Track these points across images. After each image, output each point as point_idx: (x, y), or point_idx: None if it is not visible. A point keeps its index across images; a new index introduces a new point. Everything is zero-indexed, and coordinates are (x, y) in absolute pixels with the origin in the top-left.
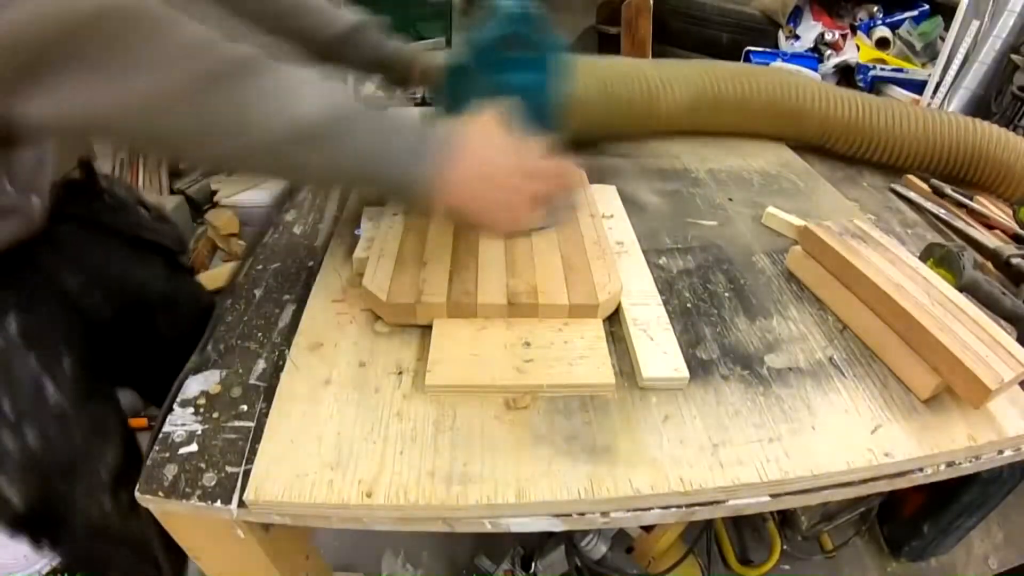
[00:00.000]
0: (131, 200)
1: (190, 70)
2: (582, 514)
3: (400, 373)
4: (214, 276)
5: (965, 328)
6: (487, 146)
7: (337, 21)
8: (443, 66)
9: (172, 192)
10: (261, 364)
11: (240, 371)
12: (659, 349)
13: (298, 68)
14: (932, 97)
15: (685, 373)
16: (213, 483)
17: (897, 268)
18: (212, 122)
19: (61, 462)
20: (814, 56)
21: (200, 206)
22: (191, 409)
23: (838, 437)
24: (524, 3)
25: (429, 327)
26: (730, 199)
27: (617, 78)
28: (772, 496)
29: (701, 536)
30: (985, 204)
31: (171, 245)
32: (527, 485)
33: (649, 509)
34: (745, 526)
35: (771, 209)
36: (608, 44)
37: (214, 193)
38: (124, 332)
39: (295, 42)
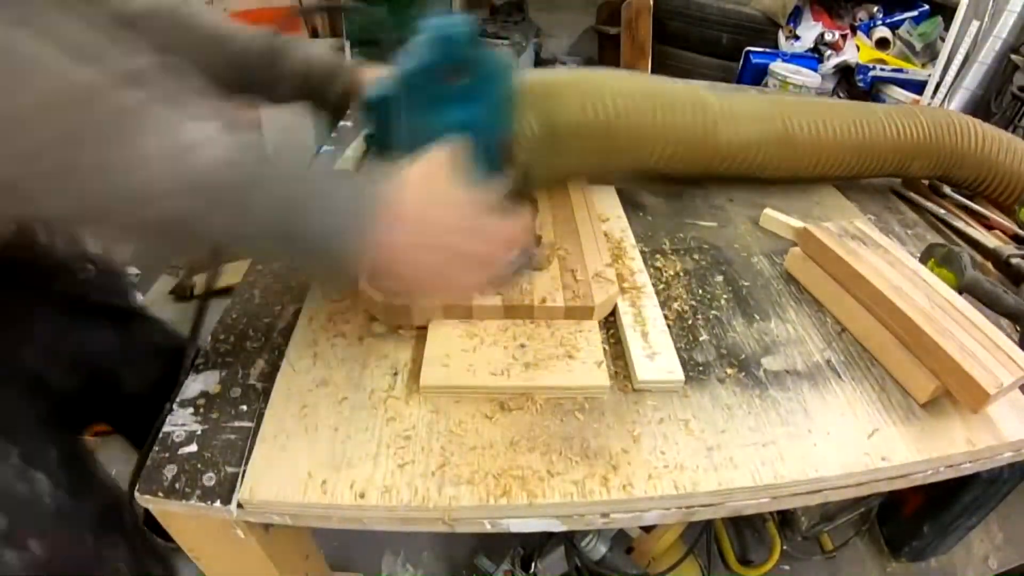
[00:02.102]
0: (74, 258)
1: (57, 126)
2: (582, 515)
3: (395, 374)
4: (229, 274)
5: (965, 332)
6: (427, 203)
7: (249, 45)
8: (364, 97)
9: None
10: (261, 364)
11: (240, 371)
12: (655, 351)
13: (196, 108)
14: (932, 97)
15: (680, 376)
16: (212, 483)
17: (897, 270)
18: (87, 189)
19: (76, 569)
20: (814, 56)
21: None
22: (191, 409)
23: (835, 441)
24: (457, 23)
25: (425, 328)
26: (730, 200)
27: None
28: (772, 497)
29: (701, 536)
30: (985, 204)
31: (119, 302)
32: (521, 486)
33: (648, 510)
34: (745, 526)
35: (768, 211)
36: (608, 44)
37: None
38: (91, 398)
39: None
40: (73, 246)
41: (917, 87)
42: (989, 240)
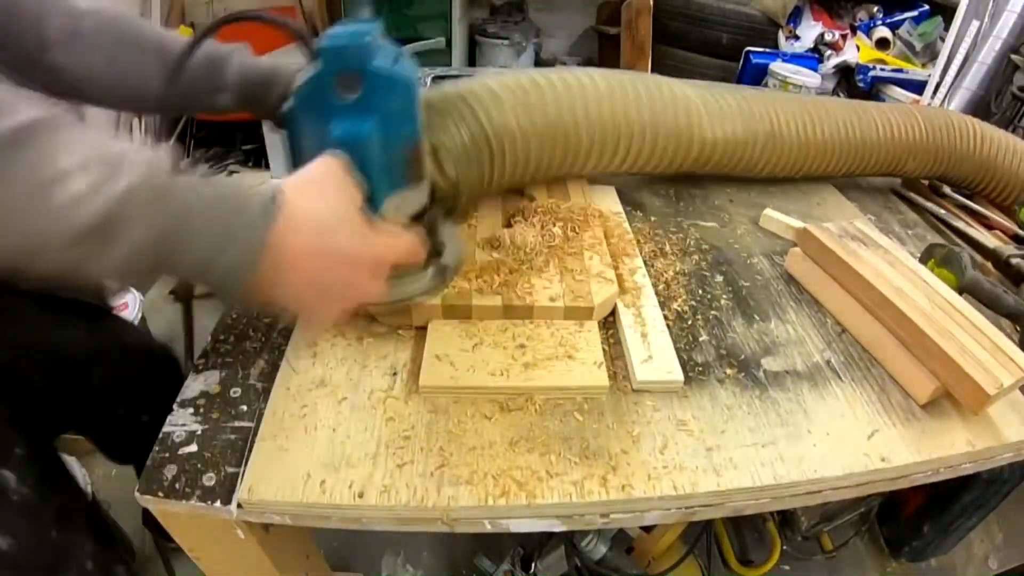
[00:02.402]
0: None
1: None
2: (582, 515)
3: (395, 374)
4: None
5: (965, 333)
6: (316, 211)
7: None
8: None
9: None
10: (261, 364)
11: (239, 371)
12: (654, 352)
13: (76, 136)
14: (932, 97)
15: (680, 376)
16: (212, 483)
17: (897, 271)
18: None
19: (41, 562)
20: (814, 56)
21: None
22: (191, 409)
23: (835, 442)
24: (354, 30)
25: (424, 328)
26: (730, 200)
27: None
28: (771, 498)
29: (701, 536)
30: (985, 204)
31: (91, 299)
32: (520, 487)
33: (648, 510)
34: (745, 526)
35: (768, 211)
36: (608, 45)
37: None
38: (60, 395)
39: (145, 87)
40: None
41: (917, 87)
42: (989, 240)
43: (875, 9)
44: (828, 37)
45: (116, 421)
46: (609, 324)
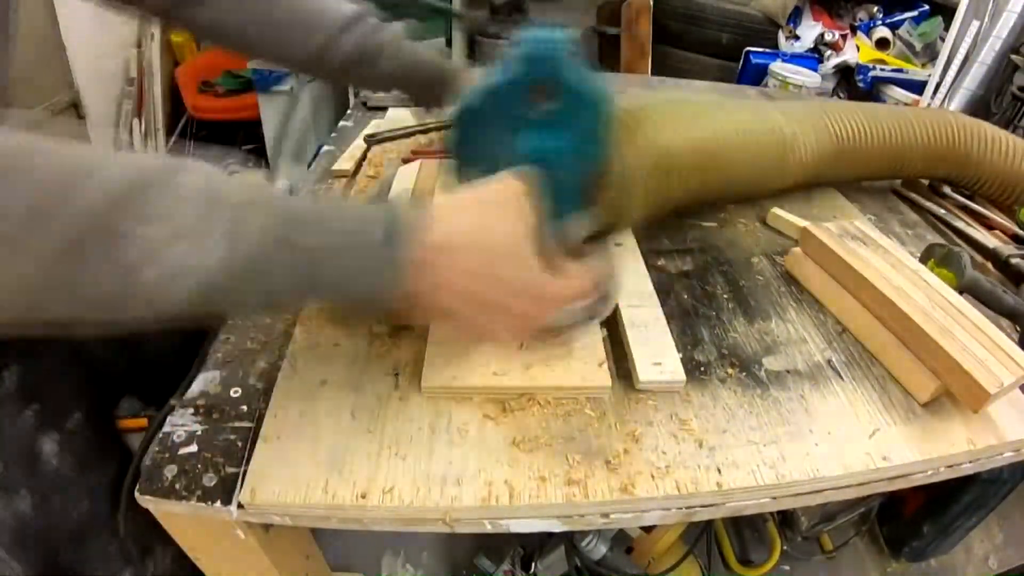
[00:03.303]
0: None
1: (37, 246)
2: (582, 515)
3: (396, 374)
4: None
5: (965, 332)
6: (496, 230)
7: (358, 31)
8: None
9: None
10: (261, 364)
11: (240, 371)
12: (656, 351)
13: (182, 175)
14: (932, 97)
15: (681, 376)
16: (213, 483)
17: (897, 271)
18: (90, 302)
19: (65, 531)
20: (814, 56)
21: None
22: (191, 409)
23: (836, 441)
24: (553, 39)
25: (426, 328)
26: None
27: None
28: (772, 498)
29: (701, 536)
30: (985, 204)
31: None
32: (522, 486)
33: (649, 510)
34: (745, 526)
35: (775, 210)
36: (608, 45)
37: None
38: (118, 364)
39: (288, 55)
40: None
41: (917, 87)
42: (989, 240)
43: (875, 9)
44: (828, 37)
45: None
46: (611, 324)
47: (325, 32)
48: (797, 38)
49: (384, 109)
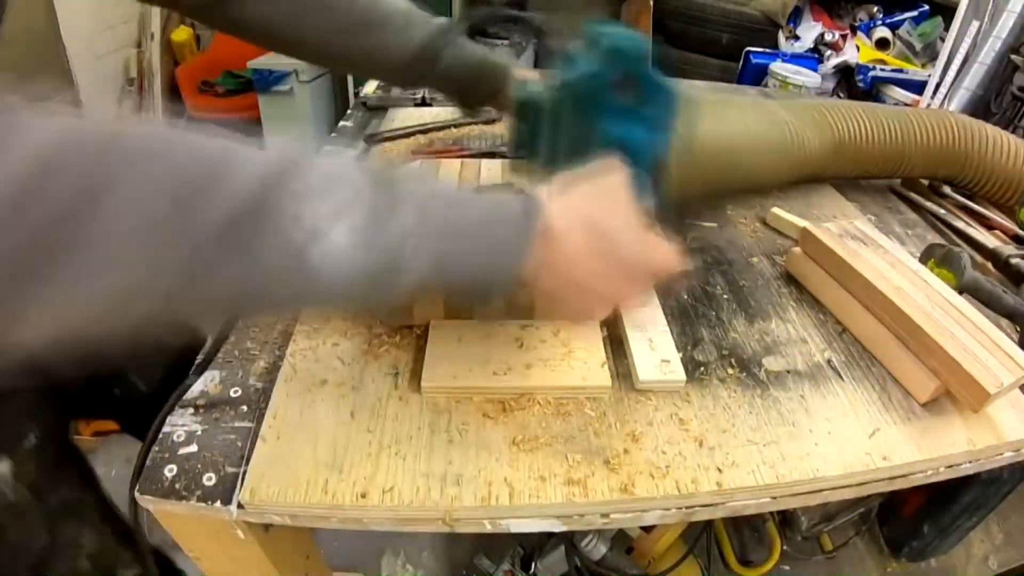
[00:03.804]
0: None
1: (163, 258)
2: (582, 515)
3: (396, 374)
4: None
5: (965, 331)
6: (597, 215)
7: (417, 29)
8: (517, 99)
9: None
10: (261, 364)
11: (240, 371)
12: (656, 351)
13: (319, 172)
14: (932, 98)
15: (681, 376)
16: (213, 483)
17: (897, 271)
18: (221, 300)
19: (27, 557)
20: (814, 57)
21: None
22: (191, 409)
23: (836, 441)
24: (632, 36)
25: (426, 328)
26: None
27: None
28: (772, 497)
29: (701, 536)
30: (985, 204)
31: None
32: (522, 486)
33: (649, 510)
34: (745, 526)
35: (775, 210)
36: None
37: None
38: (84, 382)
39: (365, 59)
40: None
41: (917, 87)
42: (989, 240)
43: (875, 9)
44: (828, 37)
45: (140, 401)
46: (611, 323)
47: (384, 32)
48: (797, 38)
49: (385, 109)
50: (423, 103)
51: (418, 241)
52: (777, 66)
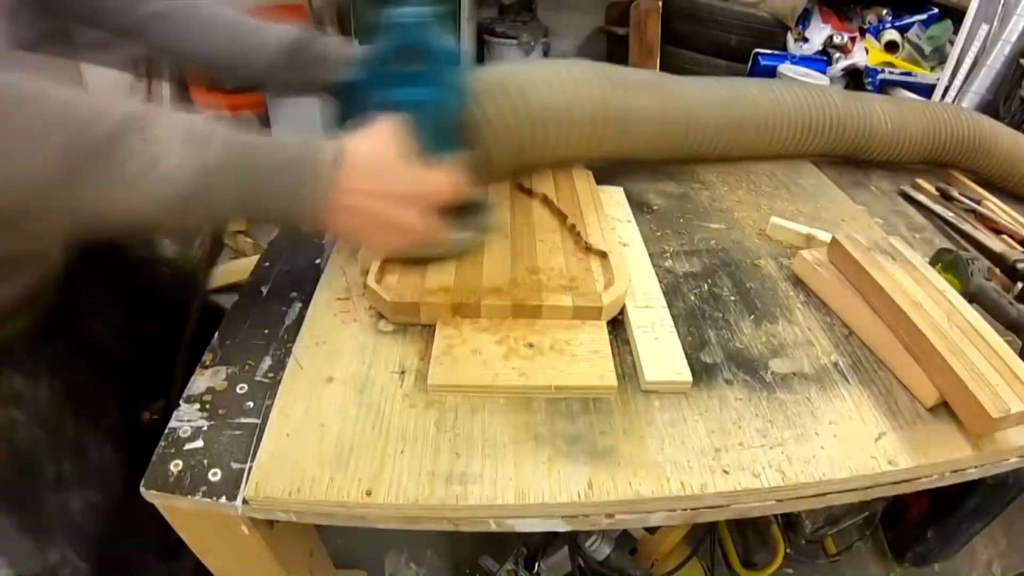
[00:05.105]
0: (151, 260)
1: (52, 155)
2: (587, 515)
3: (403, 372)
4: (236, 270)
5: (980, 354)
6: (374, 160)
7: (272, 43)
8: (332, 81)
9: None
10: (267, 361)
11: (246, 368)
12: (662, 352)
13: (162, 122)
14: (941, 101)
15: (688, 377)
16: (218, 479)
17: (922, 287)
18: (78, 206)
19: (118, 525)
20: (822, 59)
21: None
22: (197, 405)
23: (842, 444)
24: (419, 12)
25: (432, 327)
26: (737, 202)
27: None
28: (777, 500)
29: (705, 538)
30: (993, 209)
31: (183, 299)
32: (527, 486)
33: (654, 511)
34: (749, 529)
35: (775, 220)
36: (616, 46)
37: None
38: (145, 372)
39: (231, 72)
40: (149, 249)
41: (926, 91)
42: (996, 244)
43: (884, 12)
44: (837, 40)
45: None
46: (617, 324)
47: (262, 37)
48: (806, 40)
49: None
50: None
51: (225, 174)
52: (786, 68)
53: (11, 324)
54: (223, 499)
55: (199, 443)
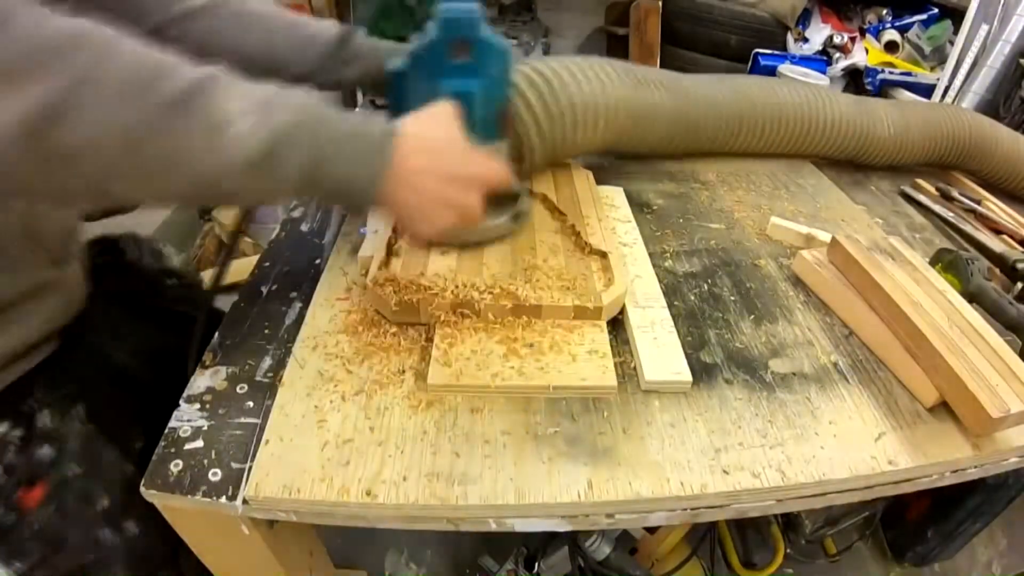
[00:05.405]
0: (157, 270)
1: (126, 113)
2: (587, 515)
3: (402, 372)
4: (236, 270)
5: (981, 355)
6: (434, 139)
7: (321, 38)
8: (386, 74)
9: None
10: (268, 361)
11: (247, 368)
12: (662, 352)
13: (236, 86)
14: (941, 101)
15: (688, 377)
16: (218, 479)
17: (922, 288)
18: (143, 165)
19: (164, 548)
20: (822, 59)
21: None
22: (197, 405)
23: (842, 444)
24: (467, 6)
25: (432, 326)
26: (738, 202)
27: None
28: (777, 500)
29: (705, 538)
30: (993, 209)
31: (190, 311)
32: (527, 486)
33: (654, 511)
34: (749, 529)
35: (775, 220)
36: (616, 45)
37: None
38: (163, 390)
39: (276, 69)
40: (158, 261)
41: (926, 91)
42: (996, 245)
43: (884, 12)
44: (837, 40)
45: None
46: (617, 324)
47: (304, 31)
48: (806, 40)
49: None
50: None
51: (294, 139)
52: (785, 68)
53: (37, 353)
54: (223, 499)
55: (199, 443)
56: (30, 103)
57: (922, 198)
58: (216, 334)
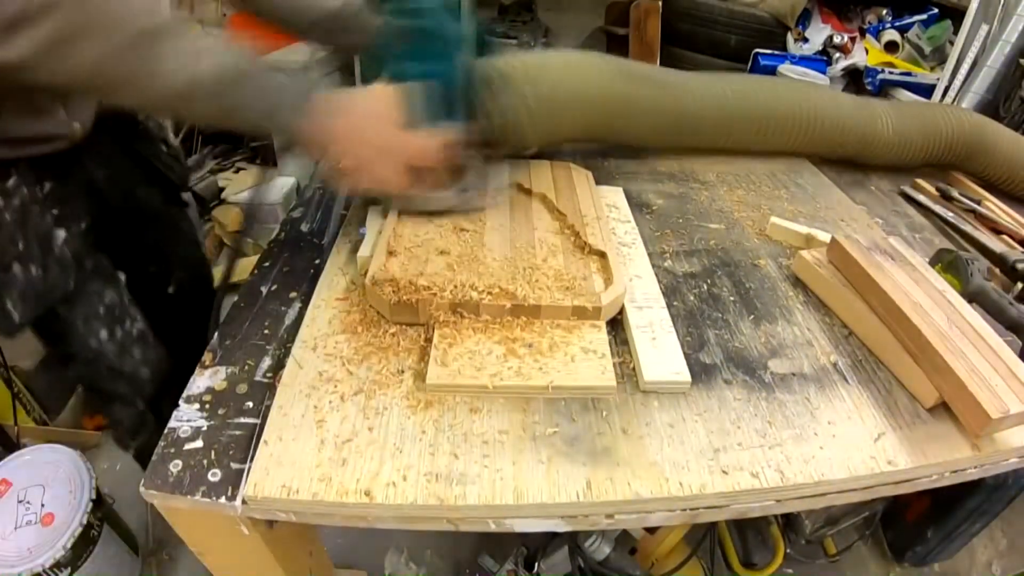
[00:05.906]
0: (156, 135)
1: (126, 34)
2: (586, 515)
3: (401, 372)
4: (237, 270)
5: (980, 355)
6: (368, 109)
7: (322, 4)
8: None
9: None
10: (267, 361)
11: (246, 368)
12: (661, 352)
13: (204, 35)
14: (941, 101)
15: (687, 377)
16: (218, 479)
17: (922, 288)
18: (135, 72)
19: (60, 292)
20: (822, 59)
21: (207, 203)
22: (196, 405)
23: (841, 444)
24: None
25: (431, 327)
26: (738, 202)
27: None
28: (776, 500)
29: (704, 539)
30: (993, 209)
31: (175, 180)
32: (526, 486)
33: (654, 511)
34: (749, 529)
35: (775, 220)
36: (616, 45)
37: (221, 190)
38: (123, 232)
39: (281, 19)
40: (160, 130)
41: (926, 91)
42: (996, 245)
43: (884, 12)
44: (837, 40)
45: (146, 276)
46: (617, 324)
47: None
48: (806, 40)
49: None
50: None
51: (245, 81)
52: (785, 68)
53: (59, 142)
54: (222, 499)
55: (199, 443)
56: (42, 34)
57: (922, 198)
58: (216, 334)
